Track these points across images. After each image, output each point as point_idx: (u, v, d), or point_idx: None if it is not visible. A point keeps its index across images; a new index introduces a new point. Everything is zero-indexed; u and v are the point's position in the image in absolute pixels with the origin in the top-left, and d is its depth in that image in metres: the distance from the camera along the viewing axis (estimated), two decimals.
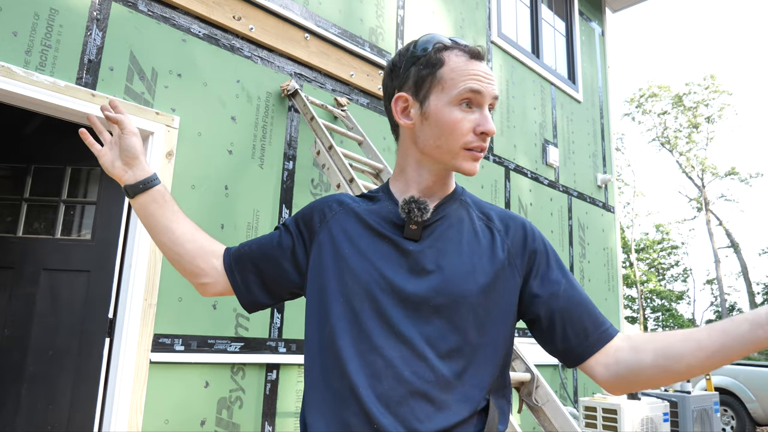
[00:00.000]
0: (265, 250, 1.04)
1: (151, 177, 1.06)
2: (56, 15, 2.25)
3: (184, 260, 1.06)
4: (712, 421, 4.45)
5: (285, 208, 2.89)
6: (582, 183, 5.37)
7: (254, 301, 1.04)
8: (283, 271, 1.02)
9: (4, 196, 2.78)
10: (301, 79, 3.11)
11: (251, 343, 2.63)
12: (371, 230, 0.97)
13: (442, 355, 0.87)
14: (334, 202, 1.03)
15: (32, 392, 2.46)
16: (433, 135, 0.96)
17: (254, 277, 1.03)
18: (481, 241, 0.95)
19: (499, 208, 1.04)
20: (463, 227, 0.97)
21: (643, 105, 27.73)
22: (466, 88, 0.93)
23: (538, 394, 2.15)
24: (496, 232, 0.97)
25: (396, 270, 0.92)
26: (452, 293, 0.89)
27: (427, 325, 0.89)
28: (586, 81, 5.75)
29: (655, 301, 28.12)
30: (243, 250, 1.06)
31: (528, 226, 0.99)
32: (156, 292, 2.35)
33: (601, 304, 5.26)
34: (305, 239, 1.02)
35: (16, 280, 2.61)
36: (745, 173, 27.11)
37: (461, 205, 1.01)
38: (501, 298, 0.92)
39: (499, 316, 0.92)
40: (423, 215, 0.93)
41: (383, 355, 0.87)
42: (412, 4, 3.88)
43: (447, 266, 0.91)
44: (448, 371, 0.86)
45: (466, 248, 0.94)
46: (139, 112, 2.40)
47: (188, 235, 1.07)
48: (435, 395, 0.85)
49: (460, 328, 0.89)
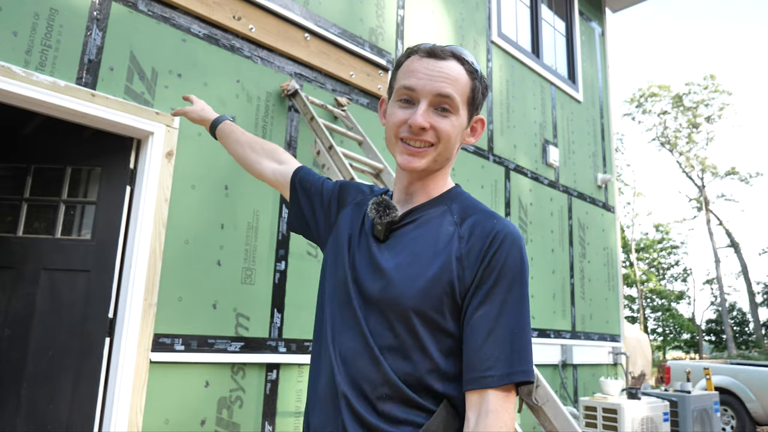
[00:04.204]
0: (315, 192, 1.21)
1: (213, 122, 1.54)
2: (56, 15, 2.25)
3: (247, 166, 1.41)
4: (712, 421, 4.45)
5: (285, 208, 2.89)
6: (582, 183, 5.37)
7: (290, 222, 1.27)
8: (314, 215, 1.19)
9: (4, 196, 2.78)
10: (301, 79, 3.11)
11: (251, 342, 2.63)
12: (363, 226, 1.05)
13: (383, 350, 0.92)
14: (365, 189, 1.15)
15: (32, 392, 2.46)
16: (385, 133, 1.04)
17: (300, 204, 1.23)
18: (437, 246, 0.95)
19: (487, 214, 0.98)
20: (429, 232, 0.98)
21: (643, 105, 27.73)
22: (401, 85, 0.99)
23: (538, 393, 2.15)
24: (456, 239, 0.95)
25: (363, 267, 0.99)
26: (392, 294, 0.93)
27: (373, 321, 0.94)
28: (586, 81, 5.75)
29: (655, 301, 28.11)
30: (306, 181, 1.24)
31: (497, 238, 0.92)
32: (156, 292, 2.35)
33: (601, 304, 5.27)
34: (332, 211, 1.15)
35: (16, 280, 2.61)
36: (745, 173, 27.12)
37: (443, 211, 1.00)
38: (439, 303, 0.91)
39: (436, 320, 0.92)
40: (382, 217, 0.99)
41: (345, 345, 0.96)
42: (412, 4, 3.88)
43: (395, 268, 0.95)
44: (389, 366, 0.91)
45: (421, 252, 0.95)
46: (139, 112, 2.40)
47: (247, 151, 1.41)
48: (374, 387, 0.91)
49: (395, 327, 0.92)
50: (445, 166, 1.04)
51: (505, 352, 0.87)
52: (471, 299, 0.91)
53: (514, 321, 0.89)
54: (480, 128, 1.08)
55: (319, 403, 0.97)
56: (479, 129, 1.08)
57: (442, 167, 1.03)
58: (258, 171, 1.37)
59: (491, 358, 0.87)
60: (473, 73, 1.01)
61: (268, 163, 1.36)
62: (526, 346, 0.89)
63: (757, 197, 44.87)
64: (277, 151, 1.38)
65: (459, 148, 1.05)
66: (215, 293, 2.55)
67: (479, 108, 1.06)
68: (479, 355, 0.87)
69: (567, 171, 5.18)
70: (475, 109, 1.04)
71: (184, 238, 2.49)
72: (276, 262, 2.80)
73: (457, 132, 1.00)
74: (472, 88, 1.01)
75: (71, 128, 2.82)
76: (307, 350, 2.83)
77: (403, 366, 0.91)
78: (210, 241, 2.57)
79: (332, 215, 1.15)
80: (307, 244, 2.96)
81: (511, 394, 0.88)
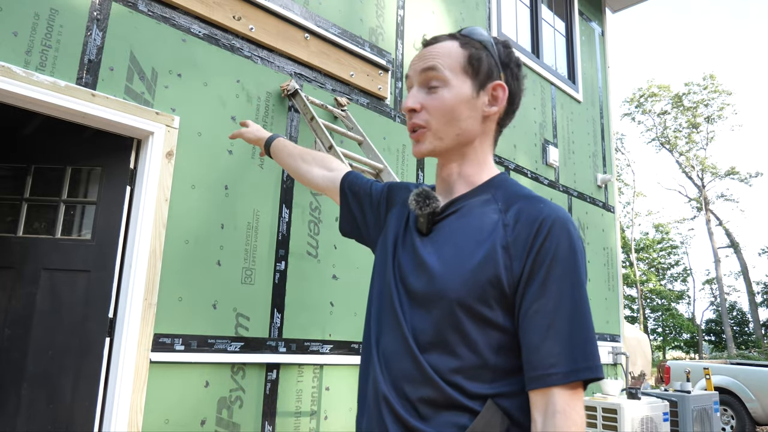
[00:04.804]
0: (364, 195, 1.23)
1: (267, 140, 1.63)
2: (56, 15, 2.25)
3: (300, 177, 1.44)
4: (712, 421, 4.45)
5: (285, 208, 2.89)
6: (582, 183, 5.37)
7: (342, 228, 1.28)
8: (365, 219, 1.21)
9: (4, 196, 2.78)
10: (301, 79, 3.11)
11: (251, 342, 2.63)
12: (407, 222, 1.04)
13: (426, 349, 0.89)
14: (413, 187, 1.13)
15: (32, 392, 2.47)
16: None
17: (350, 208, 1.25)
18: (481, 236, 0.90)
19: (533, 200, 0.92)
20: (472, 222, 0.93)
21: (643, 105, 27.74)
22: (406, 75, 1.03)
23: None
24: (501, 227, 0.89)
25: (407, 264, 0.97)
26: (435, 288, 0.90)
27: (417, 318, 0.91)
28: (586, 81, 5.75)
29: (655, 301, 28.12)
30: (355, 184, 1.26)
31: (545, 225, 0.86)
32: (156, 292, 2.35)
33: (601, 304, 5.27)
34: (381, 213, 1.16)
35: (16, 280, 2.61)
36: (744, 173, 27.11)
37: (487, 199, 0.95)
38: (485, 294, 0.86)
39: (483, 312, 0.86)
40: (422, 208, 0.96)
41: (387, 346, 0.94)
42: (412, 4, 3.88)
43: (438, 261, 0.92)
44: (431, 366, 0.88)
45: (465, 243, 0.91)
46: (139, 112, 2.40)
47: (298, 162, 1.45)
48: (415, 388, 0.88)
49: (440, 323, 0.88)
50: (467, 146, 0.99)
51: (568, 348, 0.81)
52: (524, 293, 0.85)
53: (573, 313, 0.83)
54: (501, 94, 0.99)
55: (366, 406, 0.95)
56: (501, 95, 0.99)
57: (458, 146, 0.98)
58: (309, 179, 1.40)
59: (553, 355, 0.81)
60: (468, 42, 0.98)
61: (318, 170, 1.38)
62: (589, 339, 0.83)
63: (757, 197, 44.89)
64: (326, 159, 1.41)
65: (478, 120, 0.98)
66: (215, 293, 2.55)
67: (495, 74, 0.98)
68: (540, 353, 0.82)
69: (567, 171, 5.18)
70: (485, 76, 0.97)
71: (184, 238, 2.49)
72: (276, 262, 2.81)
73: (452, 103, 0.95)
74: (469, 55, 0.97)
75: (71, 128, 2.82)
76: (306, 350, 2.83)
77: (447, 363, 0.86)
78: (210, 241, 2.58)
79: (381, 217, 1.15)
80: (307, 243, 2.96)
81: (579, 393, 0.82)
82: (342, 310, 3.05)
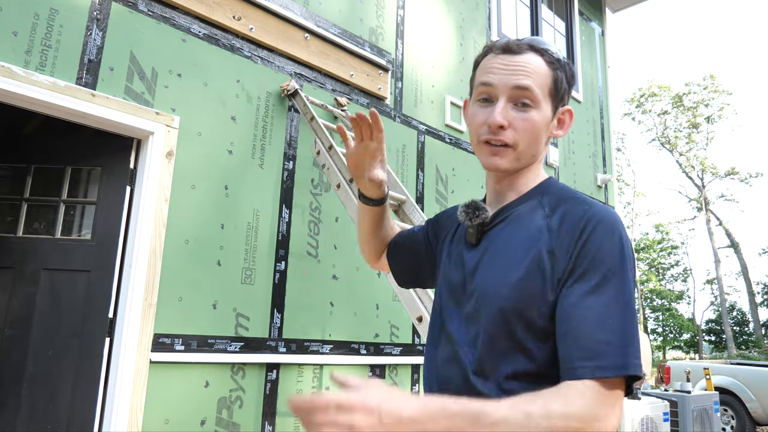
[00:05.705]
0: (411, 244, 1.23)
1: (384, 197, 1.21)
2: (56, 15, 2.25)
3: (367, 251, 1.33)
4: (712, 421, 4.45)
5: (285, 208, 2.89)
6: (582, 183, 5.37)
7: (400, 282, 1.29)
8: (420, 265, 1.21)
9: (4, 196, 2.78)
10: (301, 79, 3.11)
11: (251, 342, 2.63)
12: (455, 236, 1.05)
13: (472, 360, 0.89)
14: (452, 212, 1.13)
15: (32, 392, 2.46)
16: (469, 135, 1.01)
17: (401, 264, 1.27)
18: (528, 242, 0.89)
19: (578, 201, 0.91)
20: (519, 229, 0.92)
21: (643, 105, 27.73)
22: (478, 83, 0.97)
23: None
24: (546, 232, 0.89)
25: (455, 277, 0.98)
26: (483, 297, 0.89)
27: (467, 328, 0.92)
28: (586, 81, 5.75)
29: (655, 301, 28.12)
30: (397, 241, 1.27)
31: (588, 226, 0.85)
32: (156, 292, 2.35)
33: None
34: (433, 243, 1.17)
35: (16, 280, 2.61)
36: (745, 173, 27.11)
37: (534, 205, 0.95)
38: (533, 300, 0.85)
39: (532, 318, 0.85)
40: (472, 219, 0.97)
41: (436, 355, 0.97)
42: (412, 4, 3.88)
43: (486, 270, 0.92)
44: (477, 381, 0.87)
45: (512, 250, 0.90)
46: (139, 112, 2.40)
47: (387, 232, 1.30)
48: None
49: (488, 331, 0.87)
50: (533, 163, 0.99)
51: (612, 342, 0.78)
52: (565, 293, 0.83)
53: (615, 313, 0.79)
54: (568, 120, 1.01)
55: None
56: (567, 120, 1.01)
57: (529, 164, 0.98)
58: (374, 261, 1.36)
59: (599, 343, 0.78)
60: (554, 63, 0.96)
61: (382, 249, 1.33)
62: (630, 339, 0.79)
63: (757, 197, 44.87)
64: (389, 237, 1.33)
65: (548, 143, 1.00)
66: (215, 293, 2.55)
67: (565, 99, 1.00)
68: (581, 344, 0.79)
69: (567, 171, 5.18)
70: (560, 100, 0.98)
71: (184, 238, 2.49)
72: (276, 262, 2.80)
73: (540, 127, 0.94)
74: (554, 78, 0.96)
75: (71, 128, 2.82)
76: (306, 350, 2.83)
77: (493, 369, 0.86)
78: (210, 241, 2.58)
79: (436, 252, 1.16)
80: (307, 243, 2.96)
81: (615, 391, 0.77)
82: (342, 310, 3.05)
